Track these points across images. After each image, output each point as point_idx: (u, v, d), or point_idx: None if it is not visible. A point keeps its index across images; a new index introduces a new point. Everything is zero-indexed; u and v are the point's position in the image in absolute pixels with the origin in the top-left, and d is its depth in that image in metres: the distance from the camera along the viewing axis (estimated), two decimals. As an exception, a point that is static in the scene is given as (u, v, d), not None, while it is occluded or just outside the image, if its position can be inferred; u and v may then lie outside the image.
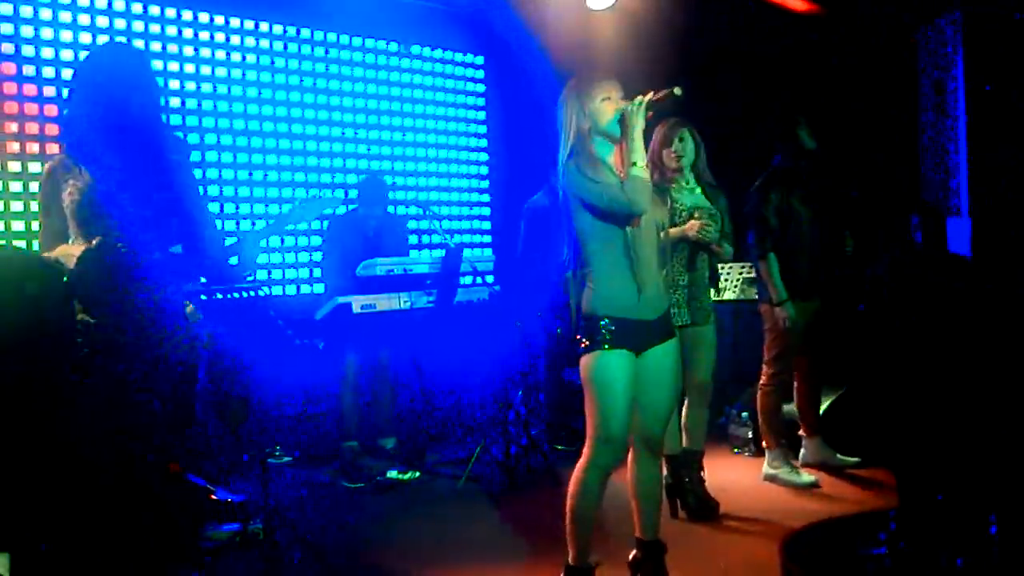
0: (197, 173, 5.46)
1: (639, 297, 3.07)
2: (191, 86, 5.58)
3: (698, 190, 4.32)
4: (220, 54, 5.72)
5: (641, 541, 3.25)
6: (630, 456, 3.23)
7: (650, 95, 3.03)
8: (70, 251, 2.73)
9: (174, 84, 5.50)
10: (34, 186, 4.87)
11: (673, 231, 4.07)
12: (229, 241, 5.41)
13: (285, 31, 6.04)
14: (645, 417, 3.16)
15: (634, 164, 3.03)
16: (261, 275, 5.84)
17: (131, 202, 2.76)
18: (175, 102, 5.50)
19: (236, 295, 3.19)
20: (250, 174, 5.84)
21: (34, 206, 4.87)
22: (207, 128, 5.65)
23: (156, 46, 5.42)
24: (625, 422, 3.07)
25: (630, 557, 3.27)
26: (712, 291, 4.45)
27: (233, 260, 3.74)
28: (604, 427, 3.05)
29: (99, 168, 2.77)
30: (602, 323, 3.05)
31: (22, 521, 2.50)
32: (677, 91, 3.00)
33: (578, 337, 3.11)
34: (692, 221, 4.15)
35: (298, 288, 6.04)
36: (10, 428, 2.49)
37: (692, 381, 4.24)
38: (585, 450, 3.10)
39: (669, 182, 4.24)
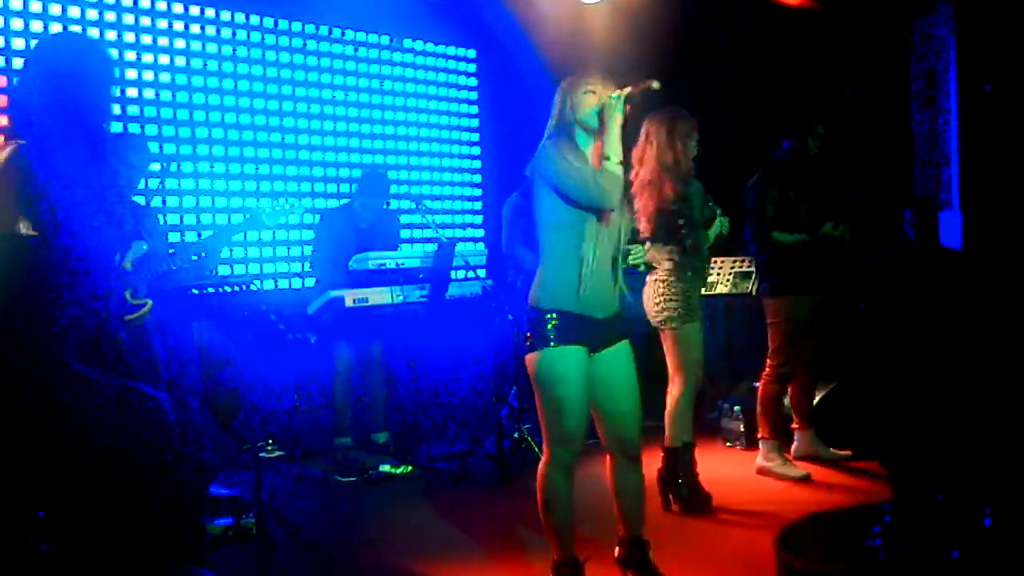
0: (172, 168, 5.43)
1: (587, 293, 2.98)
2: (181, 79, 5.54)
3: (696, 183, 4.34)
4: (210, 47, 5.68)
5: (624, 539, 3.24)
6: (607, 461, 3.19)
7: (627, 89, 2.98)
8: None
9: (164, 77, 5.46)
10: None
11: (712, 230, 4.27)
12: (204, 235, 5.40)
13: (276, 24, 6.01)
14: (612, 422, 3.11)
15: (607, 159, 2.97)
16: (253, 269, 5.82)
17: (84, 197, 2.71)
18: (165, 95, 5.46)
19: (227, 289, 3.18)
20: (241, 168, 5.81)
21: None
22: (197, 122, 5.61)
23: (147, 39, 5.38)
24: (580, 420, 3.02)
25: (616, 554, 3.27)
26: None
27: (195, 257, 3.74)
28: (559, 428, 3.00)
29: (52, 160, 2.73)
30: (547, 316, 2.98)
31: (18, 518, 2.48)
32: (655, 85, 2.96)
33: (526, 333, 3.03)
34: (725, 219, 4.30)
35: (290, 282, 6.02)
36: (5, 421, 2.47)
37: (681, 373, 4.24)
38: (544, 450, 3.06)
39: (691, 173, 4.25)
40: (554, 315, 2.97)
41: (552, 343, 2.97)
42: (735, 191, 4.84)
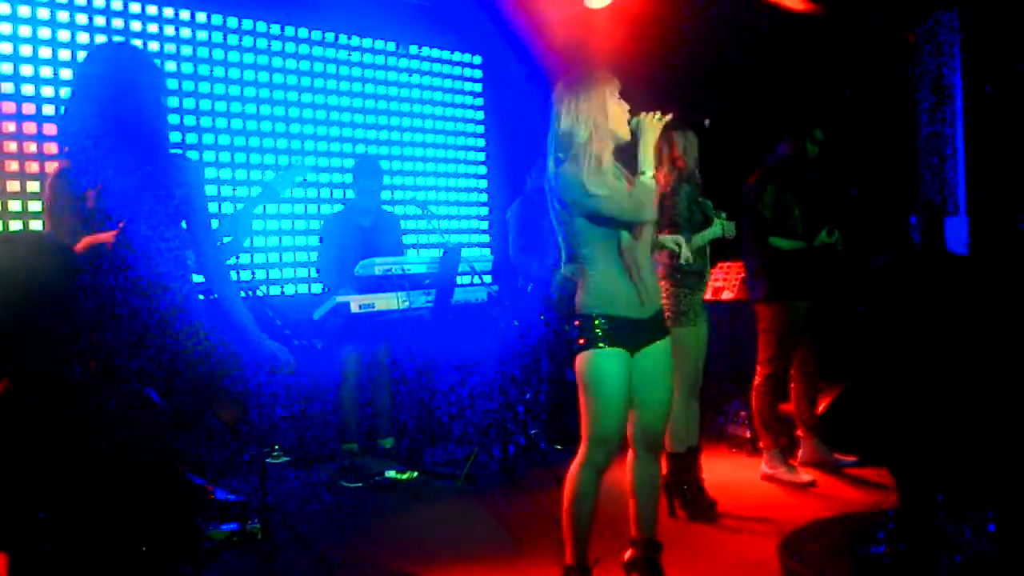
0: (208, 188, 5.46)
1: (635, 296, 3.06)
2: (188, 85, 5.57)
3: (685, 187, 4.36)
4: (216, 53, 5.71)
5: (637, 540, 3.25)
6: (628, 456, 3.23)
7: (669, 117, 3.05)
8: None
9: (170, 83, 5.48)
10: (31, 186, 4.88)
11: (713, 232, 4.24)
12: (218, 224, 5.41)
13: (283, 30, 6.03)
14: (645, 416, 3.16)
15: (643, 173, 3.04)
16: (259, 275, 5.84)
17: (140, 206, 2.75)
18: (172, 102, 5.49)
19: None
20: (248, 174, 5.83)
21: (32, 206, 4.88)
22: (204, 128, 5.64)
23: (153, 45, 5.41)
24: (620, 421, 3.07)
25: (626, 556, 3.27)
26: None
27: (227, 239, 3.75)
28: (600, 427, 3.05)
29: (106, 171, 2.76)
30: (597, 321, 3.05)
31: (22, 521, 2.49)
32: (706, 123, 3.04)
33: (573, 336, 3.10)
34: (731, 224, 4.30)
35: (296, 288, 6.04)
36: (10, 423, 2.48)
37: (685, 377, 4.23)
38: (580, 449, 3.10)
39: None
40: (604, 319, 3.04)
41: (601, 345, 3.03)
42: (735, 194, 4.85)
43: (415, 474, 5.07)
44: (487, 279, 5.72)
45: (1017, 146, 5.59)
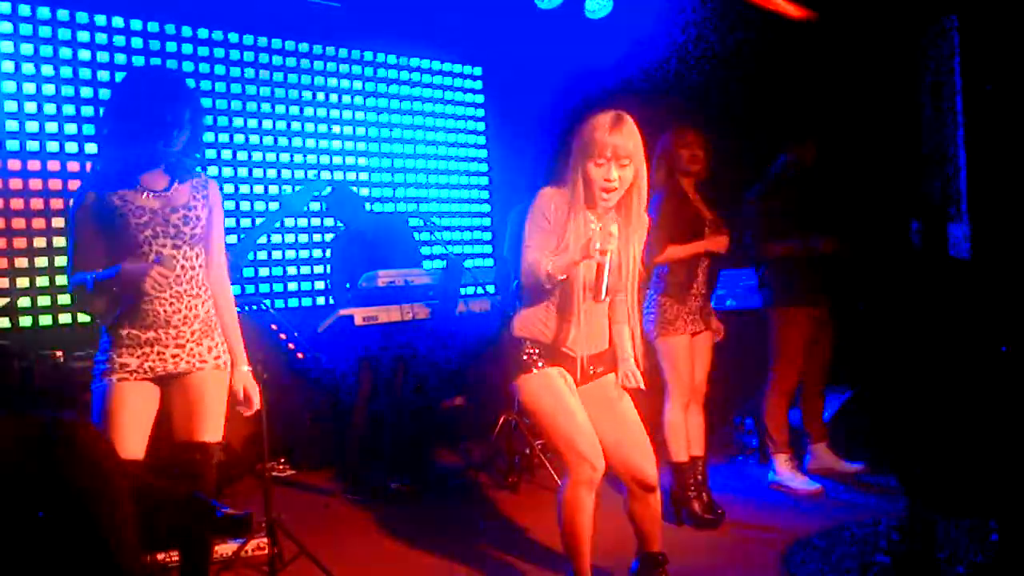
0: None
1: (567, 329, 3.01)
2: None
3: None
4: (218, 69, 5.74)
5: (643, 553, 3.23)
6: (625, 490, 3.17)
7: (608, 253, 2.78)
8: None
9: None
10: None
11: (699, 244, 4.15)
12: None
13: (284, 46, 6.06)
14: (618, 452, 3.09)
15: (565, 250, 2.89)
16: (264, 288, 5.85)
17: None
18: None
19: (237, 309, 3.19)
20: (251, 188, 5.85)
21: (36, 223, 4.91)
22: (206, 143, 5.66)
23: (156, 63, 5.45)
24: (588, 433, 3.00)
25: (632, 567, 3.25)
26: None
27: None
28: (571, 446, 2.99)
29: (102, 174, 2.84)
30: (525, 343, 3.01)
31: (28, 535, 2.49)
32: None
33: (506, 361, 3.05)
34: (724, 238, 4.22)
35: (300, 301, 6.05)
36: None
37: (669, 386, 4.22)
38: (568, 470, 3.04)
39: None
40: (532, 342, 3.01)
41: (539, 366, 3.00)
42: (738, 201, 4.85)
43: (418, 485, 5.06)
44: (490, 289, 5.72)
45: (1019, 149, 5.57)
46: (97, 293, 2.81)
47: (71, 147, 5.07)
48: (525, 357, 3.01)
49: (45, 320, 4.92)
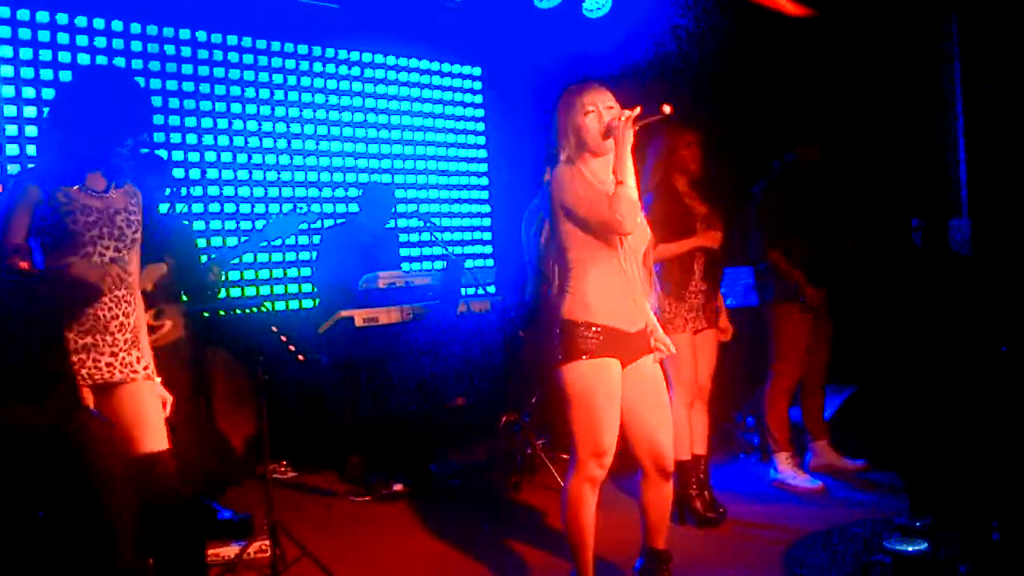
0: (183, 191, 5.47)
1: (622, 307, 3.01)
2: (189, 104, 5.60)
3: None
4: (217, 71, 5.74)
5: (648, 550, 3.23)
6: (640, 473, 3.16)
7: (637, 111, 2.93)
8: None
9: (172, 102, 5.53)
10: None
11: (690, 241, 4.12)
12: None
13: (283, 48, 6.06)
14: (646, 434, 3.09)
15: (621, 183, 2.92)
16: (264, 290, 5.85)
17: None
18: (174, 120, 5.53)
19: (237, 312, 3.19)
20: (251, 191, 5.86)
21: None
22: (207, 146, 5.67)
23: (156, 65, 5.45)
24: (614, 433, 3.00)
25: (635, 565, 3.25)
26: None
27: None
28: (594, 441, 2.98)
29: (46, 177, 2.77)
30: (584, 330, 2.98)
31: (24, 542, 2.50)
32: (667, 110, 2.91)
33: (553, 346, 3.01)
34: (716, 233, 4.18)
35: (300, 303, 6.05)
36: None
37: (680, 384, 4.21)
38: (573, 464, 3.03)
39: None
40: (596, 328, 2.97)
41: (587, 355, 2.96)
42: (742, 199, 4.85)
43: (420, 486, 5.06)
44: (491, 289, 5.72)
45: (1019, 146, 5.57)
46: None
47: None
48: (579, 341, 2.97)
49: None
